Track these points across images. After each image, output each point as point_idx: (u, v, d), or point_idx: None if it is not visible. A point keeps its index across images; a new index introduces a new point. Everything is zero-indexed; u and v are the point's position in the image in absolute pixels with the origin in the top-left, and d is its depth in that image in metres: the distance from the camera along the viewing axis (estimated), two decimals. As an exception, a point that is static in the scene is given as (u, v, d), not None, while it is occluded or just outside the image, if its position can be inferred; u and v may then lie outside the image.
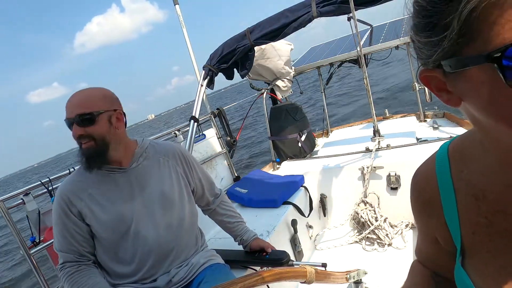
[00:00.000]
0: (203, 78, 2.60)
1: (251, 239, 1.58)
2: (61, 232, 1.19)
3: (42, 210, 1.74)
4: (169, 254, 1.28)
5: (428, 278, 0.63)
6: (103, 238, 1.21)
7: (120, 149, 1.22)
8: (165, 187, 1.29)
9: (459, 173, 0.50)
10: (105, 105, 1.16)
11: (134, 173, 1.25)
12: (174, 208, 1.30)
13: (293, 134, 3.27)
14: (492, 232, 0.46)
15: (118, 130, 1.20)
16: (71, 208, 1.18)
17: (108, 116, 1.16)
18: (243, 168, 8.48)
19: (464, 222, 0.49)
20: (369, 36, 4.11)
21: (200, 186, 1.46)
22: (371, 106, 2.68)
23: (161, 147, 1.37)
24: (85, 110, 1.11)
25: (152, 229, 1.23)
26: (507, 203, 0.44)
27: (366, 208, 2.31)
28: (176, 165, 1.36)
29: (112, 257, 1.24)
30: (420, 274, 0.65)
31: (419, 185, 0.57)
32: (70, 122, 1.13)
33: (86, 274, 1.19)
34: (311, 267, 0.73)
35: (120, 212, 1.20)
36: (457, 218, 0.50)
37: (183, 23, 2.78)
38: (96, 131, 1.13)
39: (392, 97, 10.46)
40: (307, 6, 2.24)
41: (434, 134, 3.01)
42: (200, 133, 2.62)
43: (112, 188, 1.22)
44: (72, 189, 1.21)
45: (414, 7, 0.37)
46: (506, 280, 0.43)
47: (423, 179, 0.57)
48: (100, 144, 1.15)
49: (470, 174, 0.49)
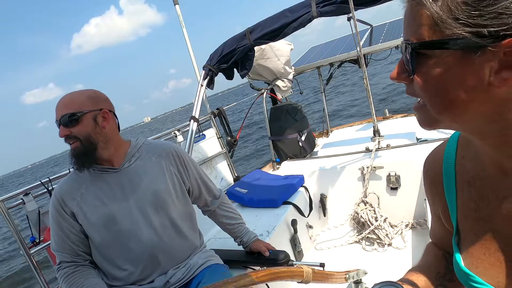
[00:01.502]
0: (203, 78, 2.60)
1: (251, 240, 1.57)
2: (56, 232, 1.20)
3: (42, 210, 1.74)
4: (164, 255, 1.26)
5: (440, 257, 0.67)
6: (95, 238, 1.20)
7: (111, 148, 1.23)
8: (158, 187, 1.27)
9: (461, 158, 0.53)
10: (89, 106, 1.17)
11: (126, 173, 1.25)
12: (167, 207, 1.28)
13: (293, 134, 3.27)
14: (479, 216, 0.49)
15: (105, 129, 1.20)
16: (64, 209, 1.19)
17: (93, 115, 1.18)
18: (243, 168, 8.49)
19: (459, 205, 0.53)
20: (369, 36, 4.11)
21: (197, 186, 1.44)
22: (371, 106, 2.68)
23: (155, 147, 1.36)
24: (68, 111, 1.14)
25: (145, 229, 1.23)
26: (489, 190, 0.48)
27: (366, 208, 2.31)
28: (169, 164, 1.34)
29: (106, 258, 1.23)
30: (432, 253, 0.69)
31: (428, 165, 0.61)
32: (57, 124, 1.16)
33: (83, 275, 1.19)
34: (308, 267, 0.73)
35: (111, 213, 1.20)
36: (455, 200, 0.53)
37: (183, 23, 2.78)
38: (81, 131, 1.15)
39: (392, 97, 10.45)
40: (307, 6, 2.23)
41: (434, 134, 3.01)
42: (200, 133, 2.62)
43: (103, 188, 1.22)
44: (66, 190, 1.22)
45: None
46: (490, 260, 0.48)
47: (431, 160, 0.61)
48: (86, 143, 1.16)
49: (466, 160, 0.52)
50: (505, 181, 0.45)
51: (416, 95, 0.44)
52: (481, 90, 0.37)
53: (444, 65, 0.39)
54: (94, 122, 1.18)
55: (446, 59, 0.38)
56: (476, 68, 0.37)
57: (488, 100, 0.38)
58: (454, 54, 0.37)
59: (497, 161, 0.45)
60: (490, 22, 0.34)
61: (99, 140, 1.19)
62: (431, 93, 0.41)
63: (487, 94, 0.38)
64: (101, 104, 1.21)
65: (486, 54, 0.35)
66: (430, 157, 0.61)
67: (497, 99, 0.38)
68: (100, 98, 1.23)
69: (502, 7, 0.33)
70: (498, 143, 0.43)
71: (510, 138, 0.41)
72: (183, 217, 1.35)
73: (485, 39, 0.34)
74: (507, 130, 0.40)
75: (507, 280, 0.46)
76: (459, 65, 0.38)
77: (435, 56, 0.39)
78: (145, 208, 1.24)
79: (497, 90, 0.37)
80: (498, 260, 0.47)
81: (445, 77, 0.39)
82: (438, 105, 0.41)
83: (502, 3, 0.33)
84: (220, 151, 2.80)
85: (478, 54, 0.36)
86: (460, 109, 0.40)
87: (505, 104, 0.38)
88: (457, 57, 0.37)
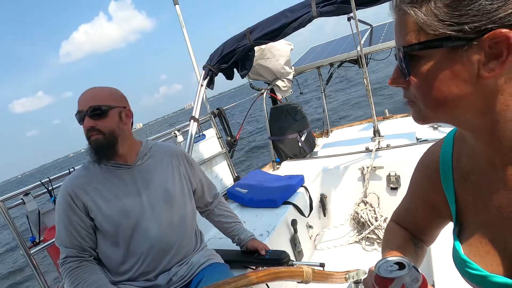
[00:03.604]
0: (203, 78, 2.60)
1: (248, 239, 1.58)
2: (65, 227, 1.20)
3: (42, 210, 1.74)
4: (170, 250, 1.30)
5: (408, 240, 0.70)
6: (107, 231, 1.22)
7: (126, 146, 1.27)
8: (168, 184, 1.33)
9: (457, 154, 0.57)
10: (116, 101, 1.22)
11: (138, 170, 1.30)
12: (176, 205, 1.33)
13: (293, 134, 3.27)
14: (476, 208, 0.53)
15: (126, 126, 1.26)
16: (76, 202, 1.20)
17: (118, 111, 1.22)
18: (243, 168, 8.49)
19: (459, 198, 0.57)
20: (369, 36, 4.11)
21: (201, 186, 1.51)
22: (372, 106, 2.68)
23: (164, 148, 1.43)
24: (97, 103, 1.16)
25: (155, 224, 1.26)
26: (483, 183, 0.51)
27: (366, 208, 2.31)
28: (179, 164, 1.41)
29: (113, 251, 1.25)
30: (401, 237, 0.71)
31: (424, 161, 0.64)
32: (82, 115, 1.17)
33: (87, 270, 1.19)
34: (308, 267, 0.73)
35: (125, 207, 1.23)
36: (453, 194, 0.57)
37: (183, 23, 2.79)
38: (107, 125, 1.18)
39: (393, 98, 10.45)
40: (307, 6, 2.23)
41: (434, 134, 3.01)
42: (200, 133, 2.63)
43: (117, 183, 1.25)
44: (78, 183, 1.22)
45: None
46: (485, 249, 0.51)
47: (428, 156, 0.63)
48: (109, 137, 1.19)
49: (462, 156, 0.56)
50: (497, 175, 0.49)
51: (412, 98, 0.48)
52: (471, 83, 0.41)
53: (435, 63, 0.43)
54: (119, 118, 1.22)
55: (436, 58, 0.42)
56: (464, 63, 0.41)
57: (478, 93, 0.42)
58: (443, 52, 0.42)
59: (488, 157, 0.49)
60: (471, 20, 0.38)
61: (120, 135, 1.22)
62: (426, 90, 0.45)
63: (477, 87, 0.41)
64: (124, 102, 1.27)
65: (472, 48, 0.40)
66: (426, 155, 0.64)
67: (487, 91, 0.42)
68: (123, 97, 1.28)
69: (479, 5, 0.38)
70: (489, 141, 0.46)
71: (499, 134, 0.44)
72: (189, 215, 1.39)
73: (468, 35, 0.39)
74: (496, 124, 0.44)
75: (500, 267, 0.49)
76: (449, 62, 0.42)
77: (426, 56, 0.43)
78: (156, 204, 1.28)
79: (486, 81, 0.41)
80: (492, 248, 0.50)
81: (437, 74, 0.43)
82: (432, 101, 0.45)
83: (479, 1, 0.38)
84: (220, 151, 2.81)
85: (464, 49, 0.40)
86: (453, 104, 0.44)
87: (494, 95, 0.42)
88: (446, 54, 0.41)
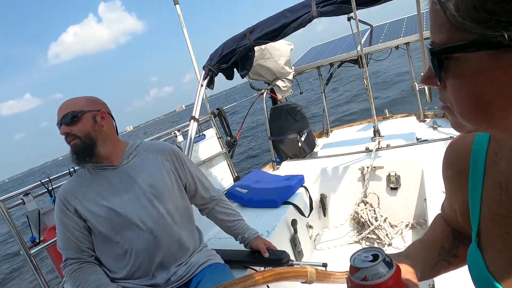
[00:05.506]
0: (203, 78, 2.60)
1: (252, 237, 1.57)
2: (62, 231, 1.26)
3: (42, 210, 1.74)
4: (163, 246, 1.30)
5: (448, 233, 0.63)
6: (99, 231, 1.26)
7: (109, 146, 1.31)
8: (154, 179, 1.34)
9: (494, 155, 0.47)
10: (88, 106, 1.28)
11: (124, 169, 1.33)
12: (164, 199, 1.34)
13: (293, 134, 3.27)
14: (510, 223, 0.44)
15: (104, 128, 1.30)
16: (68, 207, 1.26)
17: (92, 115, 1.28)
18: (243, 168, 8.48)
19: (485, 207, 0.47)
20: (369, 36, 4.11)
21: (193, 182, 1.49)
22: (372, 106, 2.68)
23: (152, 145, 1.45)
24: (69, 110, 1.24)
25: (145, 220, 1.28)
26: None
27: (366, 208, 2.31)
28: (165, 160, 1.42)
29: (108, 250, 1.28)
30: (440, 228, 0.65)
31: (452, 156, 0.55)
32: (59, 124, 1.25)
33: (87, 271, 1.24)
34: (312, 267, 0.73)
35: (112, 206, 1.26)
36: (479, 201, 0.48)
37: (183, 23, 2.78)
38: (81, 129, 1.24)
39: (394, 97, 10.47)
40: (307, 6, 2.23)
41: (434, 134, 3.01)
42: (200, 133, 2.62)
43: (104, 185, 1.29)
44: (68, 189, 1.29)
45: None
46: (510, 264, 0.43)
47: (457, 151, 0.54)
48: (86, 140, 1.25)
49: (500, 159, 0.46)
50: None
51: (447, 103, 0.40)
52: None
53: (474, 69, 0.34)
54: (93, 121, 1.27)
55: (475, 62, 0.33)
56: None
57: None
58: (484, 56, 0.32)
59: None
60: None
61: (98, 137, 1.28)
62: (462, 101, 0.36)
63: None
64: (99, 106, 1.32)
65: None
66: (454, 149, 0.55)
67: None
68: (98, 101, 1.34)
69: None
70: None
71: None
72: (180, 211, 1.40)
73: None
74: None
75: None
76: (492, 68, 0.32)
77: (463, 60, 0.34)
78: (143, 200, 1.30)
79: None
80: None
81: (476, 82, 0.34)
82: (471, 113, 0.36)
83: None
84: (220, 151, 2.80)
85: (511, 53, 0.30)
86: (498, 116, 0.35)
87: None
88: (488, 58, 0.32)
